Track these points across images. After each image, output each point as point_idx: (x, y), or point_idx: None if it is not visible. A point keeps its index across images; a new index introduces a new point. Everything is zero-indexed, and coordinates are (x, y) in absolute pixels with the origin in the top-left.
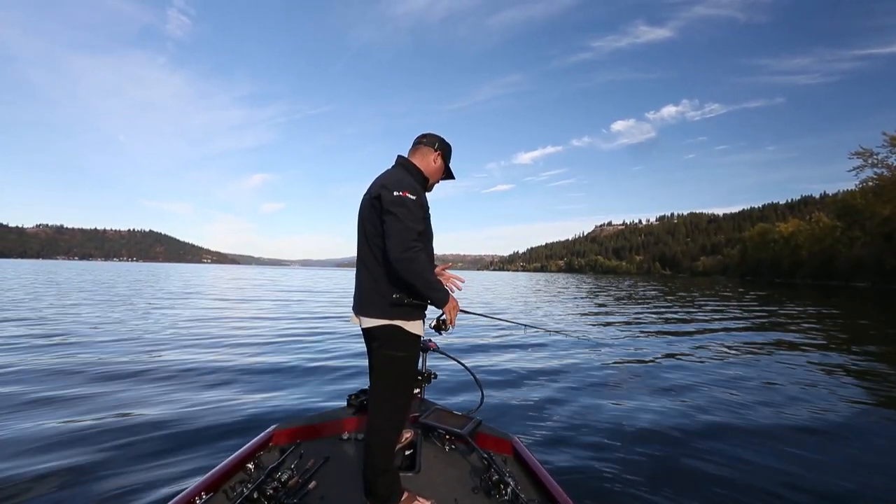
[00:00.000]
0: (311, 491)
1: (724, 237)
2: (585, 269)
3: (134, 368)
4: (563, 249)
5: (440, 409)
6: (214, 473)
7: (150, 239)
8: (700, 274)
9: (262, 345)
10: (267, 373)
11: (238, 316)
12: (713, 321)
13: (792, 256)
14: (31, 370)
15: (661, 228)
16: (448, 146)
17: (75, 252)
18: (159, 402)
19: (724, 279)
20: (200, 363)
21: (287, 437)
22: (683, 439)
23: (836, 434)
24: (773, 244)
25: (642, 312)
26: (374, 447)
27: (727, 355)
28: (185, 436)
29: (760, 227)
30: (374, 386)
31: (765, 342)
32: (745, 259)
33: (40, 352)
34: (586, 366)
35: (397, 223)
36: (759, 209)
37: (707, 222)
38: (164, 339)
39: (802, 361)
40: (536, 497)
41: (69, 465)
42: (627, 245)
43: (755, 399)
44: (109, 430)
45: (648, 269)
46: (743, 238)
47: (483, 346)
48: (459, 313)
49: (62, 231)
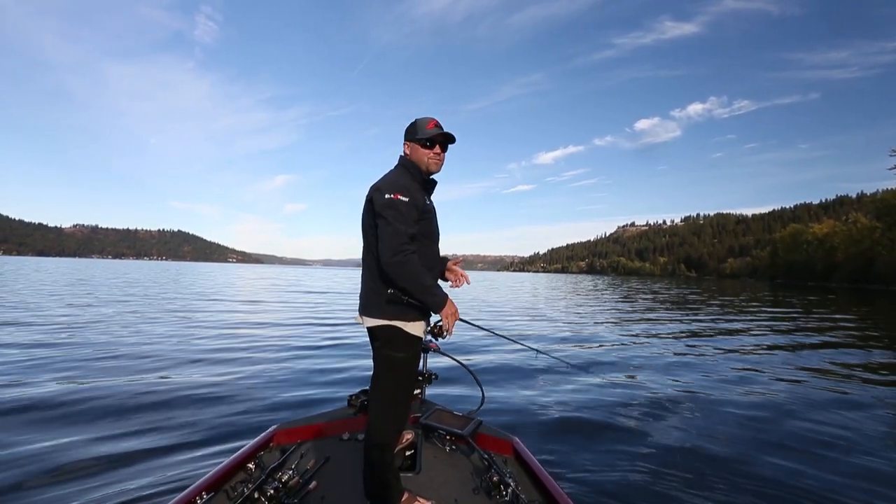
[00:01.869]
0: (311, 491)
1: (753, 238)
2: (607, 270)
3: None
4: (585, 250)
5: (441, 410)
6: (215, 473)
7: (179, 239)
8: (727, 276)
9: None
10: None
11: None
12: (765, 329)
13: (827, 259)
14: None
15: (687, 229)
16: (414, 126)
17: (109, 251)
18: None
19: (752, 282)
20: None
21: (288, 438)
22: (687, 446)
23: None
24: (806, 246)
25: (678, 319)
26: (375, 447)
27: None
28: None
29: (792, 227)
30: (375, 386)
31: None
32: (776, 261)
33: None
34: (592, 368)
35: (387, 226)
36: (791, 209)
37: (735, 223)
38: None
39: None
40: (537, 498)
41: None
42: (651, 246)
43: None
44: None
45: (673, 271)
46: (773, 239)
47: (484, 347)
48: (459, 322)
49: (97, 231)
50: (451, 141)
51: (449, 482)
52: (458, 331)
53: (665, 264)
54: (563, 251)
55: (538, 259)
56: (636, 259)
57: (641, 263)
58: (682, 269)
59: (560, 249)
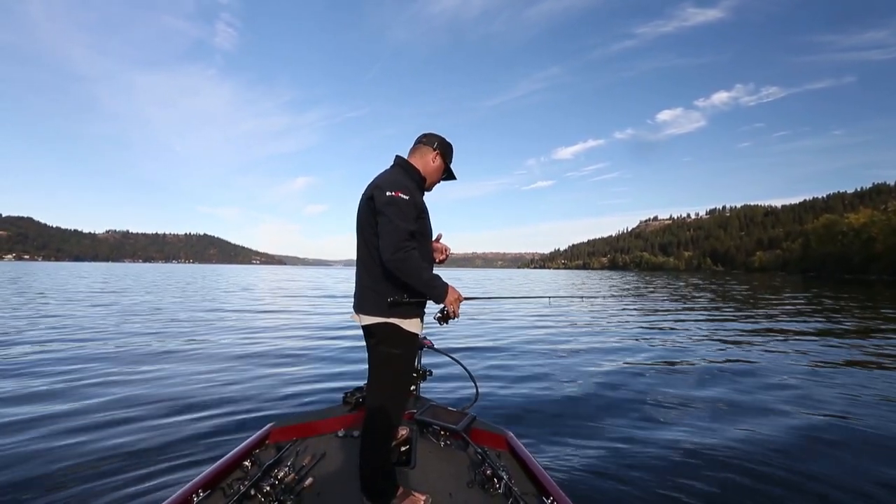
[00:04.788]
0: (307, 487)
1: (783, 230)
2: (630, 265)
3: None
4: (606, 246)
5: (435, 406)
6: (212, 471)
7: (205, 242)
8: (756, 270)
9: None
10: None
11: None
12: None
13: (864, 250)
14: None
15: (712, 222)
16: (448, 145)
17: (139, 255)
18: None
19: (783, 275)
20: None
21: (283, 435)
22: (677, 440)
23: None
24: (841, 237)
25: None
26: (371, 443)
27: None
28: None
29: (826, 218)
30: (372, 382)
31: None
32: (808, 253)
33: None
34: (584, 361)
35: (389, 223)
36: (824, 199)
37: (763, 215)
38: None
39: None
40: (530, 490)
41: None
42: (675, 240)
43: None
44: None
45: (698, 266)
46: (805, 231)
47: (477, 344)
48: (466, 301)
49: (128, 236)
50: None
51: (443, 476)
52: (454, 328)
53: (690, 259)
54: (583, 247)
55: (558, 256)
56: (660, 254)
57: (665, 258)
58: (707, 264)
59: (581, 245)
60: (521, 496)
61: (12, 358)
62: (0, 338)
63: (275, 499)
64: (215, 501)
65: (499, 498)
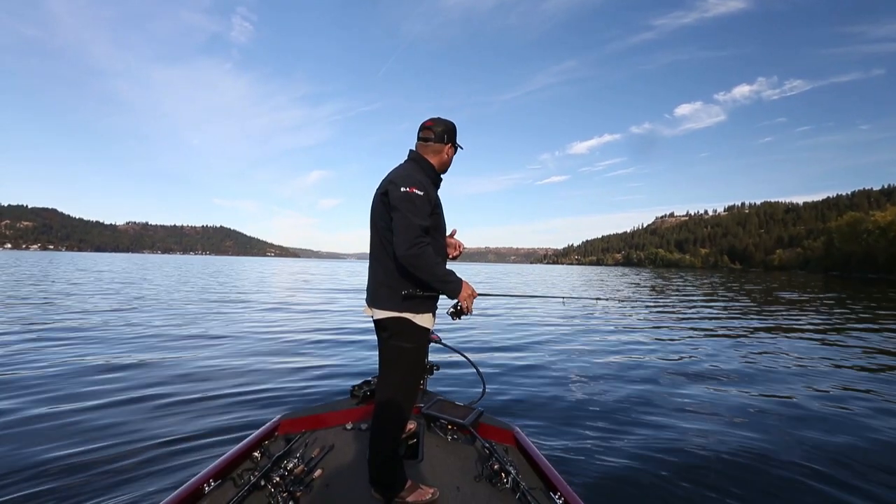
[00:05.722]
0: (316, 478)
1: (805, 228)
2: (645, 262)
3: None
4: (621, 242)
5: (443, 400)
6: (222, 462)
7: (221, 234)
8: (776, 268)
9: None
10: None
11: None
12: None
13: (890, 249)
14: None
15: (730, 219)
16: (454, 130)
17: (158, 246)
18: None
19: (804, 274)
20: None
21: (293, 427)
22: (683, 435)
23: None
24: (866, 235)
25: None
26: (380, 436)
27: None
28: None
29: (850, 216)
30: (383, 376)
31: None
32: (831, 252)
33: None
34: (591, 358)
35: (403, 219)
36: (848, 196)
37: (784, 212)
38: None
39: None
40: (537, 485)
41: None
42: (691, 237)
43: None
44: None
45: (715, 263)
46: (828, 229)
47: (485, 339)
48: (480, 297)
49: (147, 227)
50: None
51: (451, 470)
52: (463, 324)
53: (707, 256)
54: (597, 243)
55: (572, 251)
56: (675, 251)
57: (681, 255)
58: (724, 261)
59: (595, 241)
60: (528, 491)
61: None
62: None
63: (284, 489)
64: (226, 491)
65: (507, 492)
